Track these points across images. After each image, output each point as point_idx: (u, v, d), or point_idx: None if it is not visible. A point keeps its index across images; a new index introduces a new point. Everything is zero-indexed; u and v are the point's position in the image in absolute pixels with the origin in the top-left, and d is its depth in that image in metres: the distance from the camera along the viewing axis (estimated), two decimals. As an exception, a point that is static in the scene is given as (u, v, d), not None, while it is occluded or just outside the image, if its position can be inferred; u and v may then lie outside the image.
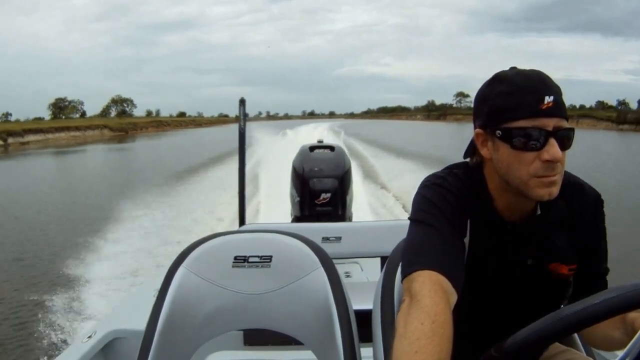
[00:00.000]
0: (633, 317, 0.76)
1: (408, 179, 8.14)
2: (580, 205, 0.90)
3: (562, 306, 0.89)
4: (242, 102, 2.95)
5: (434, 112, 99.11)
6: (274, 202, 5.35)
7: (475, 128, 0.87)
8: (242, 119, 2.88)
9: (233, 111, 2.79)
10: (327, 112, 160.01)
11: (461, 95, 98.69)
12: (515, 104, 0.79)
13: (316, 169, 3.15)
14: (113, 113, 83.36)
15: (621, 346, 0.73)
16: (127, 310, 1.77)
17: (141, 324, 0.95)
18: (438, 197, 0.85)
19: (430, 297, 0.71)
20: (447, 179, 0.88)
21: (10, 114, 72.45)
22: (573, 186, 0.90)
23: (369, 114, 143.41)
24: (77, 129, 40.12)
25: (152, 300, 0.97)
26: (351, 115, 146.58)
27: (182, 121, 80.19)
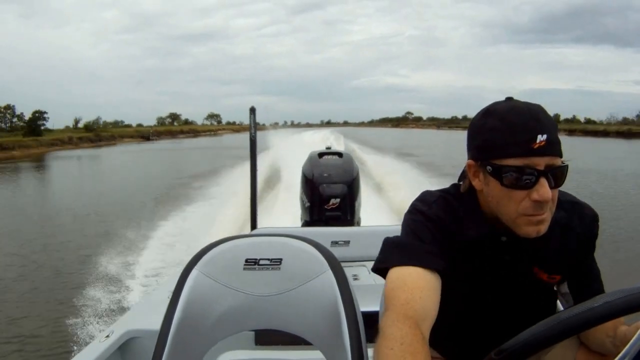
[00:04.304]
0: (624, 330, 0.77)
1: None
2: (579, 220, 0.90)
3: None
4: (253, 110, 2.92)
5: (394, 122, 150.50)
6: (285, 206, 5.52)
7: (468, 158, 0.86)
8: (253, 126, 2.89)
9: (259, 119, 2.98)
10: (341, 121, 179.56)
11: (409, 113, 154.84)
12: (507, 141, 0.77)
13: (325, 175, 3.19)
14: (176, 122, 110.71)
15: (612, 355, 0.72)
16: (143, 311, 1.82)
17: (156, 325, 0.97)
18: (417, 227, 0.87)
19: (398, 327, 0.74)
20: (433, 206, 0.89)
21: (123, 121, 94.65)
22: (571, 204, 0.90)
23: (372, 123, 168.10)
24: (224, 129, 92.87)
25: (166, 302, 0.99)
26: (361, 124, 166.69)
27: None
